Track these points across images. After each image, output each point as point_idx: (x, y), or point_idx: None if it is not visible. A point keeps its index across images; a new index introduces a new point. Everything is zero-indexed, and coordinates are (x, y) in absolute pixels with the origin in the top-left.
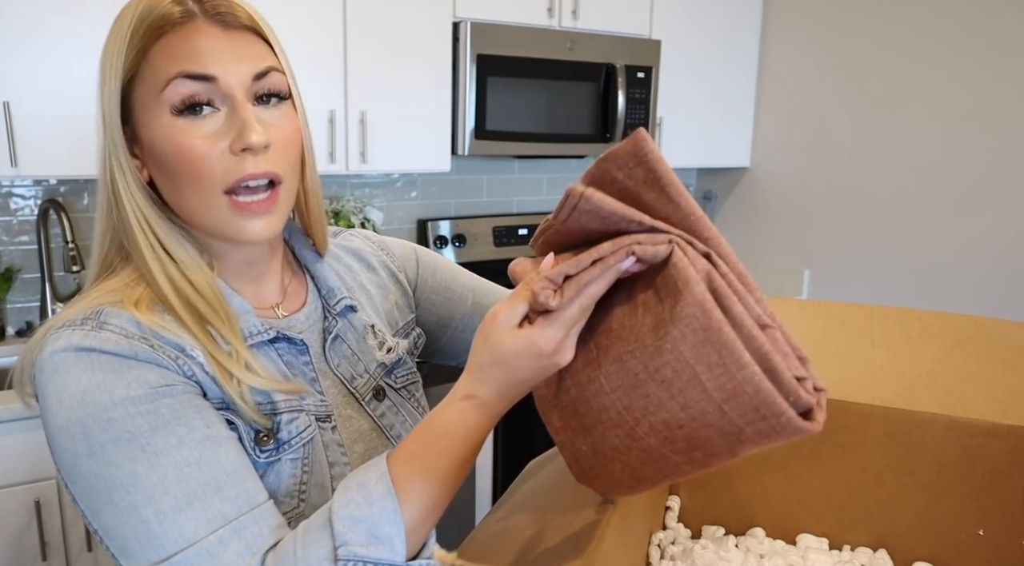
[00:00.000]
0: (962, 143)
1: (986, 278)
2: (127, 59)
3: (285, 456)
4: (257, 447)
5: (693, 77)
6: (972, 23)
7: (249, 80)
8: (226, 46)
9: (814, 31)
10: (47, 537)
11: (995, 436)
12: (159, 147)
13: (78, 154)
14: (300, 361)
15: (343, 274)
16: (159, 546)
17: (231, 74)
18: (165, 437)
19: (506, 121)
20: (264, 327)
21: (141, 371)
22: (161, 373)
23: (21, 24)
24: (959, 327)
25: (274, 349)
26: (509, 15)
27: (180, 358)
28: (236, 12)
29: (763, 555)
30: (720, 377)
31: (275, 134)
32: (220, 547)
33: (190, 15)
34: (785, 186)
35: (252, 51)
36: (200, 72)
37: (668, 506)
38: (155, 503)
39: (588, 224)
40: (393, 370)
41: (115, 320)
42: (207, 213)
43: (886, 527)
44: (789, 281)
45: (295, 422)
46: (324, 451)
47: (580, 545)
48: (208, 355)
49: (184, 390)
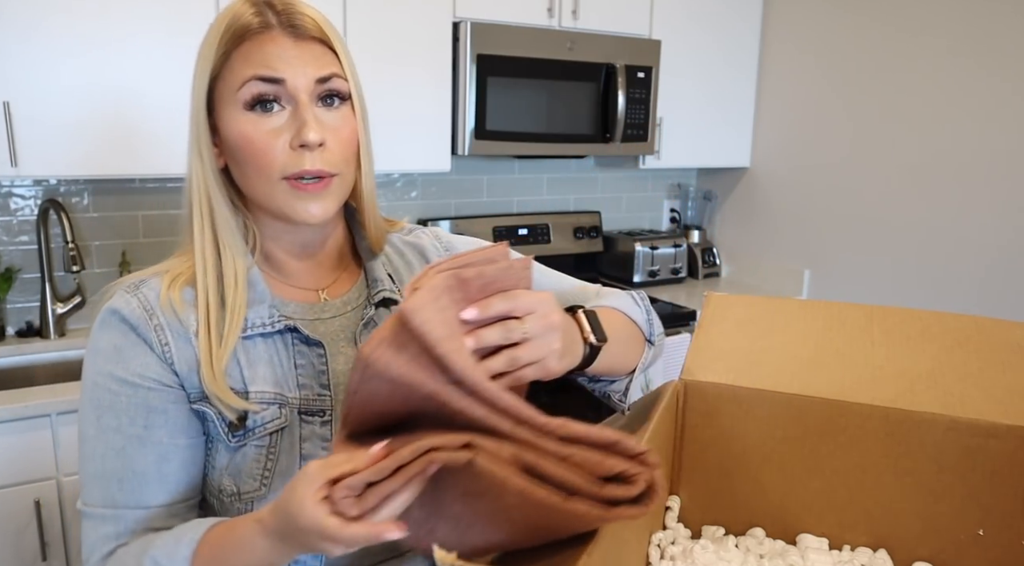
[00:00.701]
0: (962, 143)
1: (986, 278)
2: (214, 60)
3: (251, 442)
4: (229, 432)
5: (693, 77)
6: (972, 23)
7: (312, 83)
8: (296, 54)
9: (814, 31)
10: (47, 537)
11: (995, 436)
12: (232, 138)
13: (78, 154)
14: (314, 353)
15: (400, 268)
16: (83, 492)
17: (297, 77)
18: (111, 420)
19: (506, 121)
20: (273, 319)
21: (136, 352)
22: (146, 363)
23: (21, 24)
24: (959, 327)
25: (282, 339)
26: (509, 15)
27: (173, 344)
28: (307, 24)
29: (763, 555)
30: (550, 516)
31: (332, 133)
32: (100, 522)
33: (267, 25)
34: (785, 186)
35: (318, 58)
36: (270, 75)
37: (668, 506)
38: (87, 462)
39: (380, 390)
40: None
41: (147, 290)
42: (269, 197)
43: (886, 527)
44: (789, 281)
45: (263, 413)
46: (299, 443)
47: (580, 545)
48: (205, 342)
49: (151, 388)
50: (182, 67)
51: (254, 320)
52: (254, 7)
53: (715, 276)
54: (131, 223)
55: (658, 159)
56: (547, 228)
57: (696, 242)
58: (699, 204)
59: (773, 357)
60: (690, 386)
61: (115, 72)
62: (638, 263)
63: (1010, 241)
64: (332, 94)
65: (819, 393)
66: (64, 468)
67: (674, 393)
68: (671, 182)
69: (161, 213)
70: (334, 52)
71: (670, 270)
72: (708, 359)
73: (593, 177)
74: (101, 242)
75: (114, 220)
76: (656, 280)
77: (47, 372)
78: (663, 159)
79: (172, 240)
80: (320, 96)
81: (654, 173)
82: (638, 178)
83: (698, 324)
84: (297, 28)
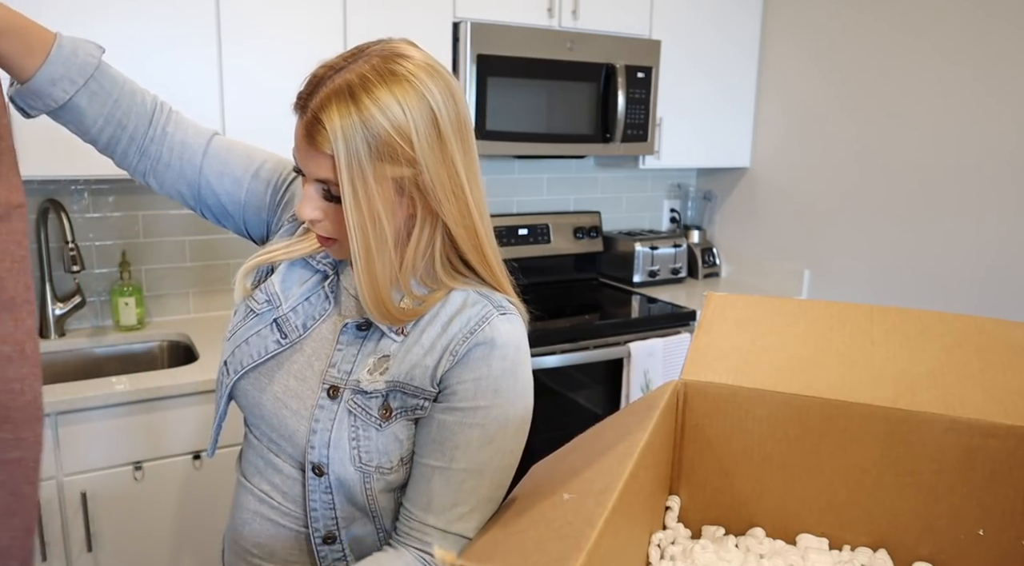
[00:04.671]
0: (962, 143)
1: (986, 278)
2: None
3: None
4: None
5: (693, 77)
6: (973, 23)
7: (313, 179)
8: (305, 154)
9: (814, 31)
10: (47, 537)
11: (995, 436)
12: None
13: (78, 154)
14: (325, 304)
15: (434, 323)
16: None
17: (305, 169)
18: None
19: (506, 121)
20: (316, 271)
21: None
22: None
23: None
24: (959, 327)
25: (309, 277)
26: (509, 15)
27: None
28: (317, 139)
29: (763, 555)
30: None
31: (324, 215)
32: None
33: (298, 112)
34: (785, 186)
35: (319, 164)
36: (294, 155)
37: (668, 506)
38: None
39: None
40: (362, 395)
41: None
42: None
43: (886, 527)
44: (789, 281)
45: (256, 301)
46: (250, 345)
47: (580, 545)
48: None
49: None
50: (182, 67)
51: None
52: (304, 86)
53: (715, 276)
54: (131, 223)
55: (658, 159)
56: (547, 228)
57: (696, 242)
58: (699, 204)
59: (773, 357)
60: (690, 386)
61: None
62: (638, 263)
63: (1010, 241)
64: (329, 191)
65: (819, 393)
66: (64, 468)
67: (674, 393)
68: (671, 182)
69: (161, 213)
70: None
71: (670, 270)
72: (708, 359)
73: (593, 177)
74: (101, 242)
75: (114, 220)
76: (656, 280)
77: (47, 372)
78: (663, 159)
79: (172, 240)
80: (322, 188)
81: (654, 173)
82: (638, 178)
83: (698, 324)
84: (310, 132)
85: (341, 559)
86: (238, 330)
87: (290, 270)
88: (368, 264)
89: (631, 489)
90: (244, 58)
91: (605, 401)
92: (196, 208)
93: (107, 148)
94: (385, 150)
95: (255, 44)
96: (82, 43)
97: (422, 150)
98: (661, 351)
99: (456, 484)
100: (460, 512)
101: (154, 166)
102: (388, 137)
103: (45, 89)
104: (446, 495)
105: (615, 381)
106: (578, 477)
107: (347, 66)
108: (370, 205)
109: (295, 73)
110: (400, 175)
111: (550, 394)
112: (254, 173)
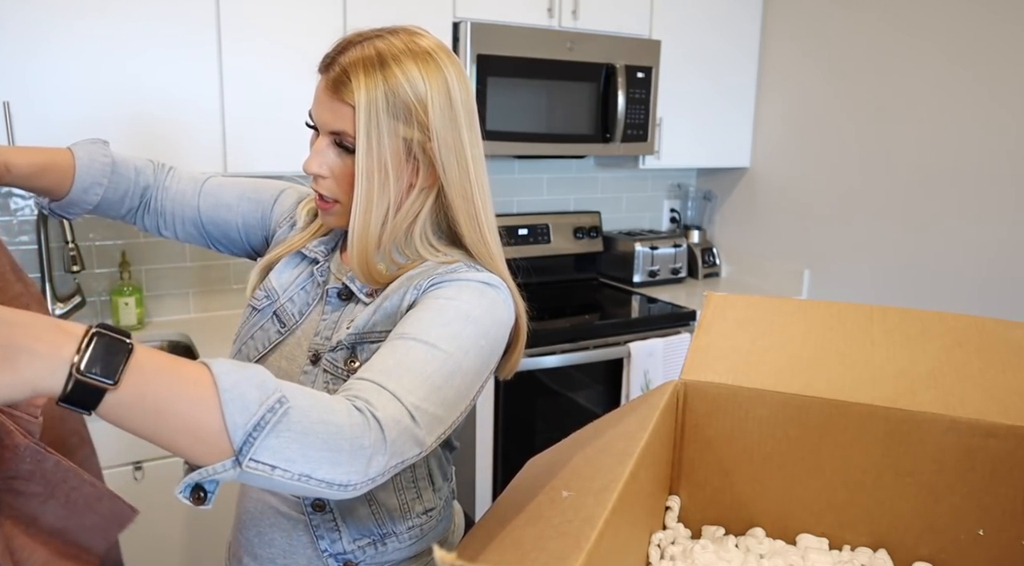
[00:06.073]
0: (962, 143)
1: (986, 278)
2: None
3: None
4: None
5: (693, 77)
6: (973, 23)
7: (328, 131)
8: (326, 106)
9: (814, 31)
10: None
11: (995, 436)
12: None
13: None
14: (317, 289)
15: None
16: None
17: (321, 122)
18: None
19: (506, 121)
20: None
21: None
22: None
23: (21, 24)
24: (959, 327)
25: (303, 268)
26: (509, 15)
27: (289, 215)
28: (341, 90)
29: (763, 555)
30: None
31: (330, 172)
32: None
33: (325, 69)
34: (785, 186)
35: (338, 114)
36: (311, 113)
37: (668, 506)
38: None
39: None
40: (331, 352)
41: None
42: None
43: (886, 527)
44: (789, 281)
45: (256, 298)
46: (255, 340)
47: (580, 544)
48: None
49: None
50: (181, 67)
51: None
52: (334, 47)
53: (715, 276)
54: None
55: (658, 159)
56: (547, 228)
57: (696, 242)
58: (699, 204)
59: (773, 357)
60: (690, 386)
61: (115, 72)
62: (638, 263)
63: (1010, 241)
64: (341, 143)
65: (819, 393)
66: None
67: (674, 393)
68: (671, 182)
69: None
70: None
71: (670, 270)
72: (708, 359)
73: (593, 177)
74: (101, 242)
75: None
76: (656, 280)
77: None
78: (663, 159)
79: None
80: (335, 141)
81: (654, 173)
82: (638, 178)
83: (698, 324)
84: (336, 86)
85: (334, 528)
86: (242, 329)
87: (285, 265)
88: (366, 212)
89: (631, 489)
90: (244, 58)
91: (605, 401)
92: (210, 245)
93: (126, 216)
94: (402, 110)
95: (255, 44)
96: (90, 146)
97: (435, 118)
98: (661, 351)
99: (402, 350)
100: (399, 375)
101: (162, 219)
102: (407, 100)
103: (81, 197)
104: (390, 357)
105: (615, 381)
106: (577, 475)
107: (376, 37)
108: (380, 154)
109: (295, 73)
110: (411, 137)
111: (550, 394)
112: (245, 197)
